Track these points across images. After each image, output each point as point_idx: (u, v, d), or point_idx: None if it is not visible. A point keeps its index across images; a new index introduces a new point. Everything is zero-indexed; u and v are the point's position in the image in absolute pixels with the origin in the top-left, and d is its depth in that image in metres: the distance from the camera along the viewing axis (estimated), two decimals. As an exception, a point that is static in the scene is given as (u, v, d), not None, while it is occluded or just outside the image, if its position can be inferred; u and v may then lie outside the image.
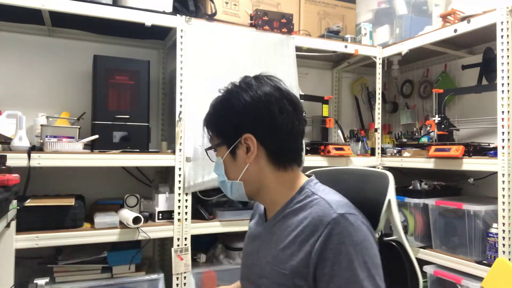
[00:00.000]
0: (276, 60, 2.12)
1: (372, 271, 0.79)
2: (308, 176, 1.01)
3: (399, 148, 2.36)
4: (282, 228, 0.92)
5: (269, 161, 0.94)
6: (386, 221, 0.99)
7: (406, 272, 1.00)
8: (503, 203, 1.70)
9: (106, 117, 1.85)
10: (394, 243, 1.02)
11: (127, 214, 1.79)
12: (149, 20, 1.85)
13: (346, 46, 2.34)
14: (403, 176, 2.44)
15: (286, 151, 0.95)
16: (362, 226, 0.83)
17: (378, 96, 2.49)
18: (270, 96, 0.92)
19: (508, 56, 1.72)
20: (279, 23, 2.14)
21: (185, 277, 1.89)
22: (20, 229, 1.59)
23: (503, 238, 1.69)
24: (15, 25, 2.00)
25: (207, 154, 1.05)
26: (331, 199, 0.88)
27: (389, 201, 0.98)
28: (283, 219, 0.93)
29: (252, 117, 0.93)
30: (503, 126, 1.72)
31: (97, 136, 1.81)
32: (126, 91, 1.93)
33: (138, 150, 1.88)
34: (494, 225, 1.74)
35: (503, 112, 1.73)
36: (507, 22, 1.73)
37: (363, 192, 1.03)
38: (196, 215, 1.95)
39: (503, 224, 1.69)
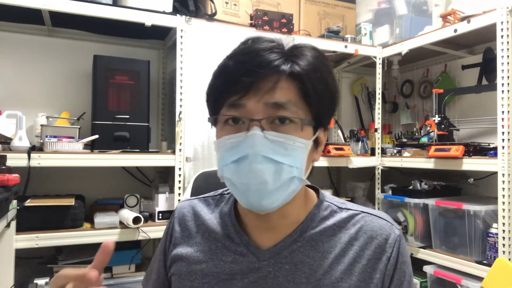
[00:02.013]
0: (276, 60, 2.12)
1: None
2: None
3: (399, 148, 2.36)
4: (313, 254, 0.70)
5: None
6: None
7: None
8: (503, 203, 1.70)
9: (106, 117, 1.85)
10: None
11: (127, 214, 1.79)
12: (149, 20, 1.85)
13: (346, 46, 2.34)
14: (403, 176, 2.44)
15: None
16: None
17: (378, 96, 2.49)
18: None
19: (508, 56, 1.72)
20: (279, 23, 2.14)
21: (185, 277, 1.89)
22: (20, 229, 1.59)
23: (503, 238, 1.68)
24: (15, 25, 2.00)
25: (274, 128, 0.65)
26: (380, 214, 0.76)
27: None
28: (310, 242, 0.71)
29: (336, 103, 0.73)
30: (503, 126, 1.72)
31: (97, 136, 1.81)
32: (126, 91, 1.93)
33: (138, 150, 1.87)
34: (494, 225, 1.74)
35: (503, 112, 1.73)
36: (507, 22, 1.73)
37: None
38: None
39: (503, 224, 1.69)
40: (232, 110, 0.66)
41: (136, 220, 1.75)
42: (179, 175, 1.88)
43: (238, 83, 0.65)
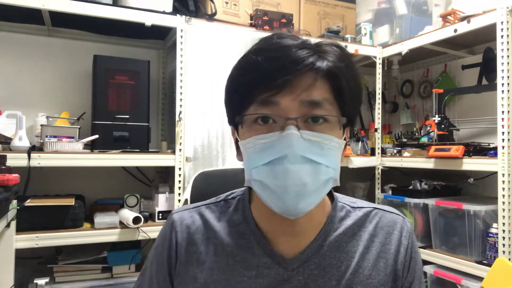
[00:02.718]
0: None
1: None
2: None
3: (399, 148, 2.36)
4: (339, 255, 0.69)
5: None
6: None
7: None
8: (503, 203, 1.70)
9: (106, 117, 1.85)
10: None
11: (127, 214, 1.79)
12: (149, 20, 1.85)
13: (346, 46, 2.34)
14: (403, 176, 2.44)
15: None
16: None
17: (378, 96, 2.49)
18: None
19: (508, 56, 1.72)
20: (279, 23, 2.14)
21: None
22: (20, 229, 1.58)
23: (503, 238, 1.68)
24: (15, 25, 2.00)
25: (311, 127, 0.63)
26: (389, 208, 0.78)
27: None
28: (335, 244, 0.70)
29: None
30: (503, 126, 1.72)
31: (97, 136, 1.81)
32: (126, 91, 1.93)
33: (138, 150, 1.87)
34: (494, 225, 1.74)
35: (503, 112, 1.73)
36: (507, 22, 1.73)
37: None
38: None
39: (503, 224, 1.69)
40: (264, 108, 0.62)
41: (136, 220, 1.75)
42: (179, 175, 1.88)
43: (272, 80, 0.61)
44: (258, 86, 0.62)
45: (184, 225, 0.73)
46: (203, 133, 1.95)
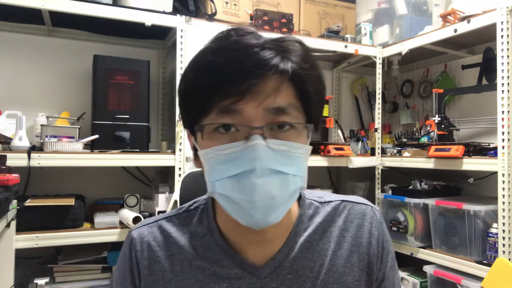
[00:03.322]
0: (276, 60, 2.12)
1: None
2: None
3: (399, 148, 2.36)
4: (312, 255, 0.67)
5: None
6: None
7: None
8: (503, 203, 1.70)
9: (106, 117, 1.85)
10: None
11: (127, 214, 1.79)
12: (149, 20, 1.85)
13: (346, 46, 2.34)
14: (403, 176, 2.44)
15: None
16: None
17: (378, 96, 2.49)
18: None
19: (508, 56, 1.72)
20: (279, 23, 2.14)
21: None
22: (20, 229, 1.58)
23: (503, 238, 1.68)
24: (15, 25, 2.00)
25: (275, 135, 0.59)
26: (357, 199, 0.75)
27: None
28: (305, 244, 0.68)
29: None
30: (503, 126, 1.72)
31: (97, 136, 1.81)
32: (126, 91, 1.93)
33: (138, 150, 1.87)
34: (494, 225, 1.74)
35: (503, 112, 1.73)
36: (507, 22, 1.73)
37: None
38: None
39: (503, 224, 1.69)
40: (225, 117, 0.57)
41: (136, 220, 1.74)
42: (179, 175, 1.88)
43: (233, 85, 0.56)
44: (218, 92, 0.57)
45: (145, 243, 0.68)
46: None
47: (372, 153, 2.46)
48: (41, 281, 1.64)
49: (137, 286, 0.68)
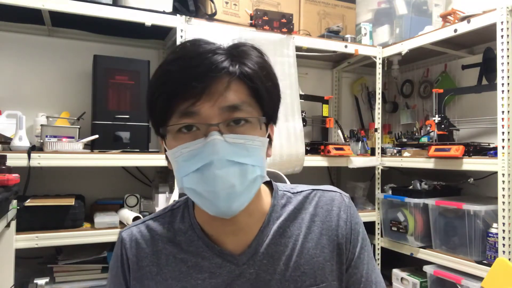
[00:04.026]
0: (276, 60, 2.12)
1: None
2: None
3: (399, 148, 2.36)
4: (284, 241, 0.73)
5: None
6: None
7: None
8: (503, 203, 1.70)
9: (106, 117, 1.85)
10: None
11: (127, 214, 1.79)
12: (149, 20, 1.85)
13: (346, 46, 2.34)
14: (403, 176, 2.44)
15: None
16: None
17: (378, 96, 2.49)
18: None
19: (508, 56, 1.72)
20: (279, 23, 2.14)
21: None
22: (20, 229, 1.58)
23: (503, 238, 1.69)
24: (15, 25, 2.00)
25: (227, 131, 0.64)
26: (328, 187, 0.80)
27: None
28: (279, 230, 0.73)
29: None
30: (503, 126, 1.72)
31: (97, 136, 1.81)
32: (126, 91, 1.93)
33: (138, 150, 1.87)
34: (494, 225, 1.74)
35: (503, 112, 1.73)
36: (507, 22, 1.73)
37: None
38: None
39: (503, 224, 1.69)
40: (186, 118, 0.64)
41: (136, 220, 1.74)
42: (179, 175, 1.88)
43: (189, 89, 0.62)
44: (177, 97, 0.64)
45: (133, 241, 0.75)
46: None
47: (372, 153, 2.46)
48: (41, 281, 1.64)
49: (128, 281, 0.74)
